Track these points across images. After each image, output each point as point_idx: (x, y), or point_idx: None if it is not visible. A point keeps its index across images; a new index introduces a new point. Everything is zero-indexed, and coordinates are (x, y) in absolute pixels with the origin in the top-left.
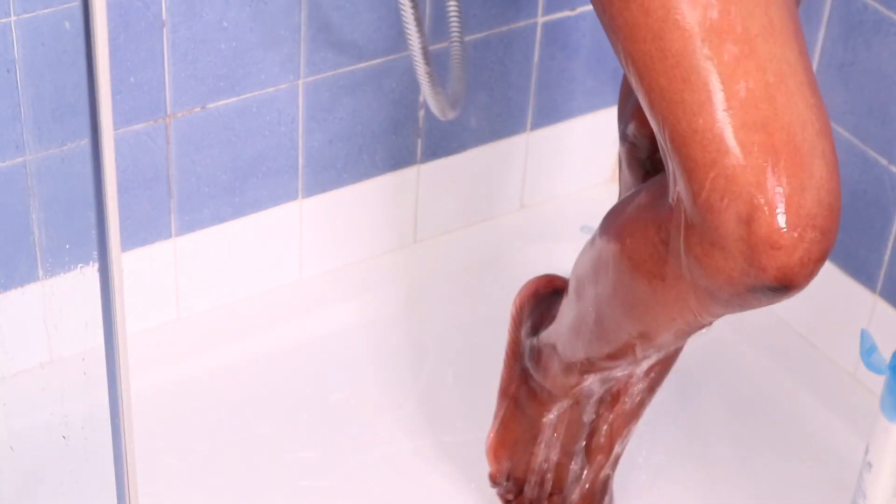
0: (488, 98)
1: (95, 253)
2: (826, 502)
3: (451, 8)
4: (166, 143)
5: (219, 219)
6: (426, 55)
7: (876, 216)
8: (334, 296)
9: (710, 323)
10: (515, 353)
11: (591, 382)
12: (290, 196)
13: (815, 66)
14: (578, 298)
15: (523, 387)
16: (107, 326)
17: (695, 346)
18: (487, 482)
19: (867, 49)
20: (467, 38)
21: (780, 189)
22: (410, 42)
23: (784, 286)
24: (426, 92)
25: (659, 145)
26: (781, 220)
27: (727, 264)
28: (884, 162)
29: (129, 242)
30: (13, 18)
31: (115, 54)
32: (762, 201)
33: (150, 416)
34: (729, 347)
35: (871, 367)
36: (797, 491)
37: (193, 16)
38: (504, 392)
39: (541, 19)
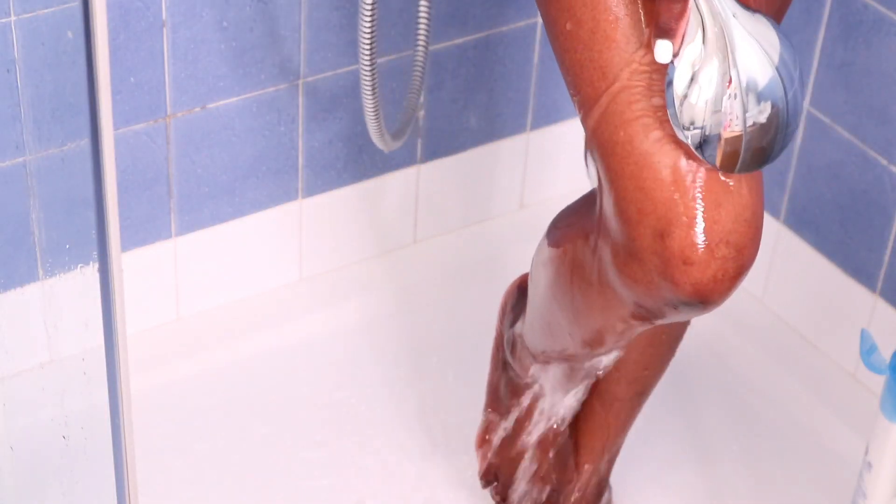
0: (488, 98)
1: (95, 253)
2: (826, 502)
3: (422, 11)
4: (166, 143)
5: (219, 219)
6: (375, 86)
7: (876, 216)
8: (334, 296)
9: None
10: (499, 347)
11: (553, 376)
12: (290, 196)
13: (814, 66)
14: (532, 296)
15: (503, 378)
16: (107, 326)
17: (695, 347)
18: (480, 481)
19: (867, 49)
20: (467, 38)
21: (693, 204)
22: (363, 73)
23: (699, 301)
24: (369, 120)
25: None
26: (694, 236)
27: (644, 277)
28: (884, 162)
29: (129, 242)
30: (13, 18)
31: (115, 54)
32: (676, 216)
33: (150, 416)
34: (729, 347)
35: (871, 367)
36: (797, 491)
37: (193, 16)
38: (490, 388)
39: (540, 19)
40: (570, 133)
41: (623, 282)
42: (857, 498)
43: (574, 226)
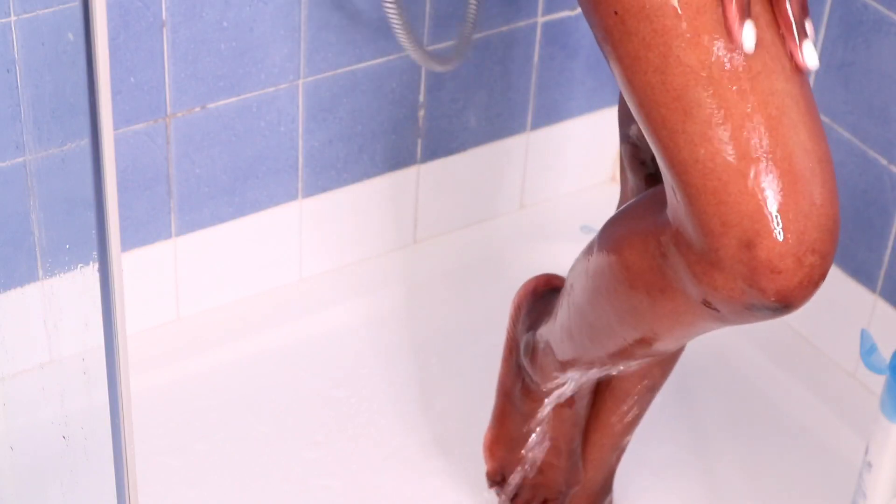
0: (488, 98)
1: (95, 253)
2: (826, 502)
3: None
4: (166, 143)
5: (219, 219)
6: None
7: (876, 216)
8: (334, 296)
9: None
10: (512, 350)
11: (584, 380)
12: (290, 196)
13: None
14: (574, 301)
15: (518, 383)
16: (107, 326)
17: (695, 347)
18: (487, 481)
19: (867, 49)
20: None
21: (781, 215)
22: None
23: (783, 307)
24: (406, 45)
25: (658, 163)
26: (783, 246)
27: (726, 284)
28: (884, 162)
29: (129, 242)
30: (13, 18)
31: (115, 54)
32: (763, 227)
33: (150, 416)
34: (729, 347)
35: (871, 367)
36: (797, 491)
37: (193, 16)
38: (501, 388)
39: (541, 19)
40: (570, 133)
41: (702, 289)
42: (857, 498)
43: (636, 232)
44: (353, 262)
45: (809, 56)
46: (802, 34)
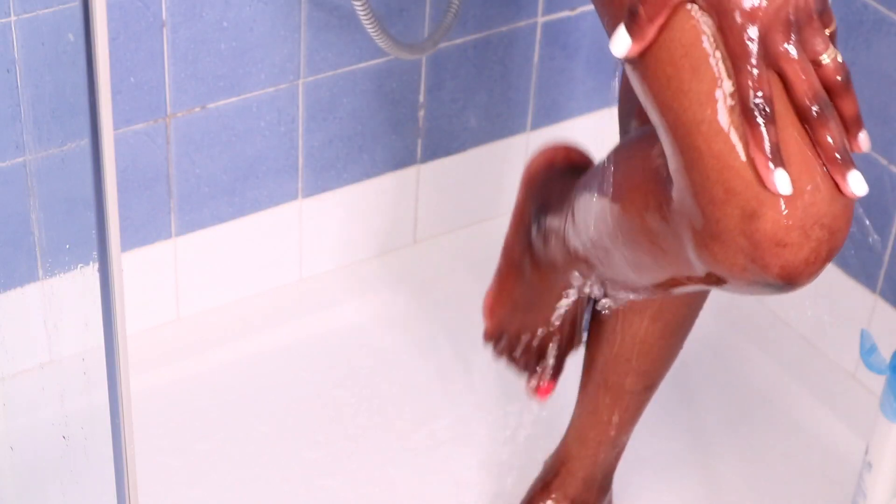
0: (488, 98)
1: (95, 253)
2: (826, 502)
3: None
4: (166, 143)
5: (219, 219)
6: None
7: (876, 216)
8: (334, 296)
9: None
10: (522, 219)
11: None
12: (290, 196)
13: None
14: (583, 214)
15: (527, 255)
16: (107, 326)
17: (695, 347)
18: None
19: (867, 49)
20: (467, 38)
21: (790, 184)
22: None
23: (786, 283)
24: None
25: (660, 134)
26: (789, 217)
27: (727, 258)
28: (884, 162)
29: (129, 242)
30: (13, 18)
31: (115, 54)
32: (769, 196)
33: (150, 416)
34: (729, 348)
35: (871, 367)
36: (797, 491)
37: (193, 16)
38: (507, 253)
39: (541, 19)
40: (570, 133)
41: (703, 261)
42: (857, 498)
43: (643, 189)
44: (353, 262)
45: (856, 187)
46: (848, 164)
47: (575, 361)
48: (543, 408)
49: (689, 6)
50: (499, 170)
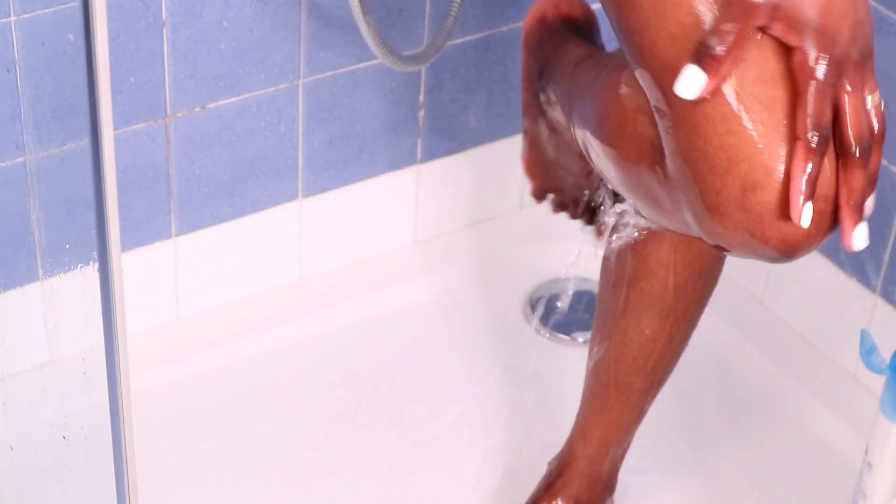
0: (488, 98)
1: (95, 253)
2: (826, 502)
3: None
4: (166, 143)
5: (219, 219)
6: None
7: (876, 216)
8: (334, 296)
9: None
10: (530, 78)
11: None
12: (290, 196)
13: None
14: (580, 135)
15: (541, 116)
16: (107, 326)
17: (695, 347)
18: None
19: None
20: (467, 38)
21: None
22: None
23: (785, 255)
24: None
25: (652, 106)
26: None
27: (726, 231)
28: (884, 162)
29: (129, 242)
30: (13, 18)
31: (115, 54)
32: (773, 166)
33: (150, 416)
34: (729, 347)
35: (871, 367)
36: (797, 491)
37: (193, 16)
38: (525, 114)
39: None
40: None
41: (702, 230)
42: (857, 498)
43: (632, 140)
44: (353, 262)
45: (858, 241)
46: (859, 216)
47: (577, 361)
48: (545, 408)
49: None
50: (499, 170)
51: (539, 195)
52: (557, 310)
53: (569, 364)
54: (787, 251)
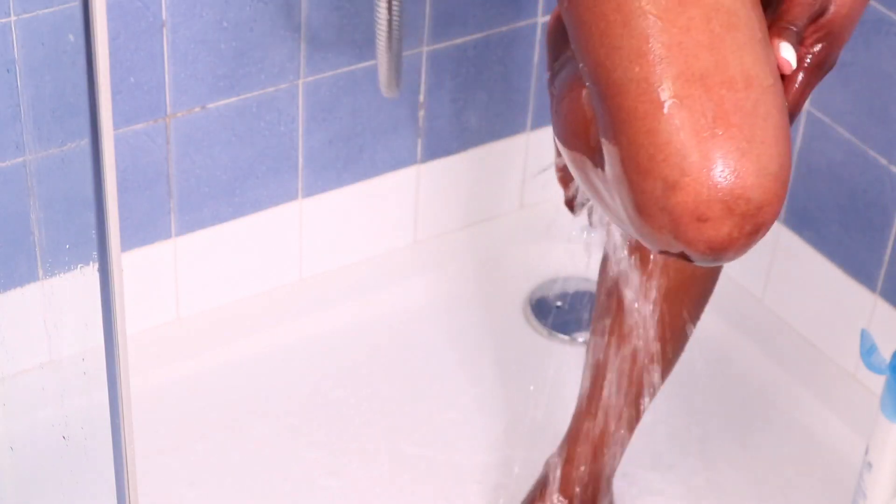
0: (488, 98)
1: (95, 253)
2: (826, 502)
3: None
4: (166, 143)
5: (219, 219)
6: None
7: (876, 216)
8: (334, 296)
9: None
10: (553, 78)
11: None
12: (290, 196)
13: None
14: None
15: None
16: (107, 326)
17: (695, 346)
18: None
19: (867, 49)
20: (467, 38)
21: (713, 152)
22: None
23: (713, 258)
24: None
25: (594, 99)
26: (710, 189)
27: (652, 233)
28: (884, 162)
29: (129, 242)
30: (13, 18)
31: (115, 54)
32: (691, 164)
33: (150, 416)
34: (729, 347)
35: (871, 367)
36: (797, 491)
37: (193, 16)
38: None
39: (541, 19)
40: None
41: (635, 231)
42: (857, 498)
43: (580, 138)
44: (353, 262)
45: (787, 52)
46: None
47: (573, 362)
48: (544, 408)
49: None
50: (499, 170)
51: (571, 203)
52: (557, 310)
53: (568, 364)
54: (713, 252)
